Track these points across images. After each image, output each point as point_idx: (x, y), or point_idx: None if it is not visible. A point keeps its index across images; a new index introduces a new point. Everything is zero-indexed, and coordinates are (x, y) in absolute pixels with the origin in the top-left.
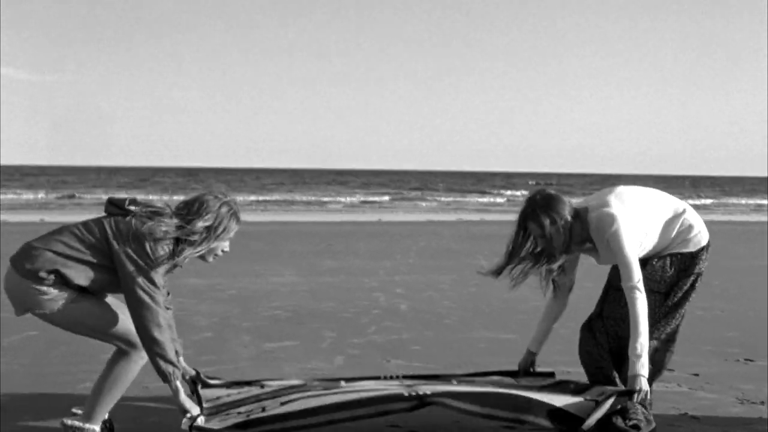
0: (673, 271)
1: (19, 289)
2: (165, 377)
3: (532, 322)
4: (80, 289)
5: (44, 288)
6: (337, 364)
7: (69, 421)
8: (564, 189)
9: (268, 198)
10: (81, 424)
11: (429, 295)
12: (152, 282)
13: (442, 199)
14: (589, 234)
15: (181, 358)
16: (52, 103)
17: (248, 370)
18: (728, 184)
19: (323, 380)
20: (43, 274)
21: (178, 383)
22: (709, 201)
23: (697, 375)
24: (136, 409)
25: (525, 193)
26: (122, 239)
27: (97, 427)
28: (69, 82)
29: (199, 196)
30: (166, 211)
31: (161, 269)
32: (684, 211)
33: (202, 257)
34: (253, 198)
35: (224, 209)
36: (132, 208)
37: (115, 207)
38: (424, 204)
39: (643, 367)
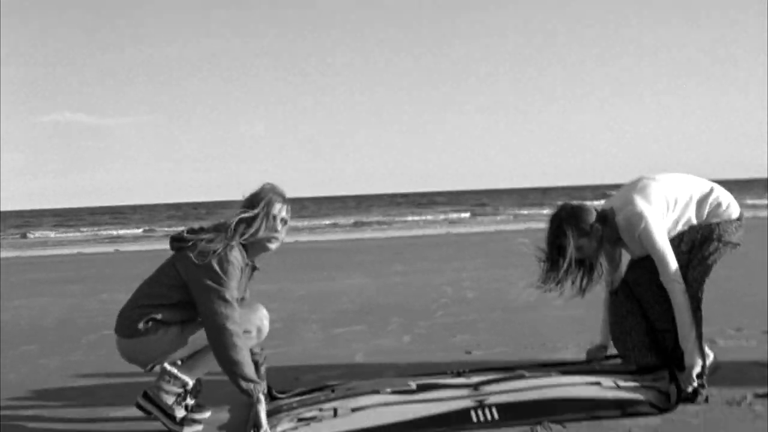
0: (698, 235)
1: (132, 350)
2: (247, 394)
3: (599, 300)
4: (182, 321)
5: (150, 336)
6: (404, 341)
7: (169, 367)
8: None
9: (337, 221)
10: (177, 373)
11: (497, 286)
12: (225, 300)
13: (512, 212)
14: (619, 234)
15: (263, 368)
16: (121, 145)
17: (317, 350)
18: None
19: (392, 378)
20: (141, 326)
21: (261, 395)
22: None
23: (766, 332)
24: None
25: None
26: (191, 268)
27: (191, 381)
28: (137, 124)
29: None
30: (225, 225)
31: (234, 282)
32: (712, 190)
33: (263, 245)
34: (323, 222)
35: (267, 186)
36: (193, 236)
37: (178, 242)
38: (497, 218)
39: (692, 354)
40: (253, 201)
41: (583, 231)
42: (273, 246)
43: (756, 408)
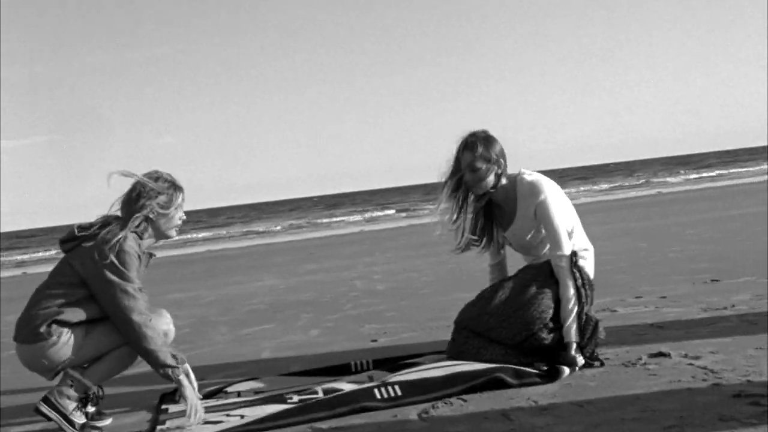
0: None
1: (33, 356)
2: (167, 378)
3: None
4: (86, 323)
5: (52, 340)
6: (312, 335)
7: (71, 371)
8: None
9: (255, 229)
10: (80, 377)
11: (407, 276)
12: (127, 293)
13: (423, 206)
14: (514, 199)
15: (188, 366)
16: (29, 166)
17: (225, 351)
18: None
19: (300, 389)
20: (43, 329)
21: (181, 378)
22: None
23: (664, 297)
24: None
25: None
26: (89, 264)
27: (94, 387)
28: (46, 143)
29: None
30: (111, 217)
31: (134, 272)
32: (587, 250)
33: (162, 232)
34: (235, 230)
35: (153, 175)
36: (83, 233)
37: (68, 242)
38: (410, 213)
39: (570, 331)
40: (137, 188)
41: (488, 156)
42: (174, 234)
43: (650, 367)
